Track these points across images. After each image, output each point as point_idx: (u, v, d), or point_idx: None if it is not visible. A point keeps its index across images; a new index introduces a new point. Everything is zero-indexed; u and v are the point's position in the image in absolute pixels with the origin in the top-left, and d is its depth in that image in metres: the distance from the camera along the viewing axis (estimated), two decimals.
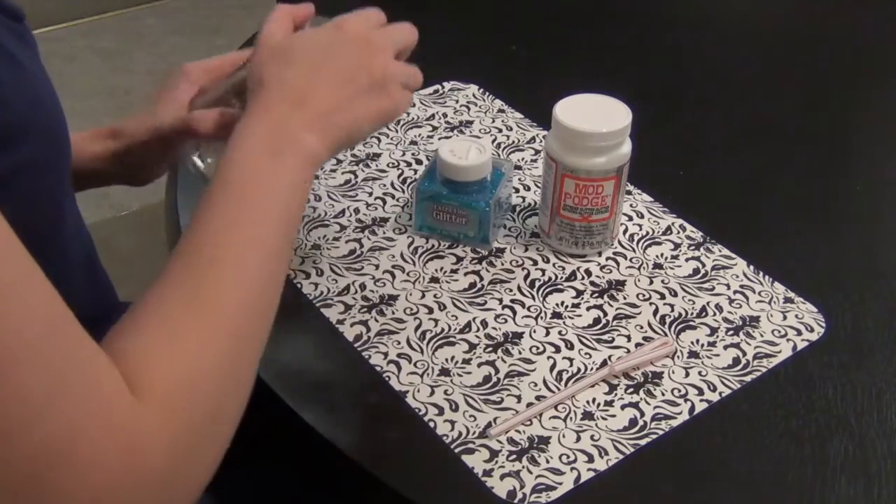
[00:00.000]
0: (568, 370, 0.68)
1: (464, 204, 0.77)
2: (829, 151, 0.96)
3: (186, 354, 0.48)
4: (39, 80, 0.56)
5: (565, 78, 1.07)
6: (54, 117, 0.56)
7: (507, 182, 0.81)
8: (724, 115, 1.02)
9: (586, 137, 0.73)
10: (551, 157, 0.75)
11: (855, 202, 0.89)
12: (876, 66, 1.13)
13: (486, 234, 0.78)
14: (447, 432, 0.63)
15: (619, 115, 0.74)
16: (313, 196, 0.85)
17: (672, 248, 0.80)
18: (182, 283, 0.51)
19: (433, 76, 1.03)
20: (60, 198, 0.59)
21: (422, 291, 0.75)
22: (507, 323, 0.72)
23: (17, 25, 0.56)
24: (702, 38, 1.19)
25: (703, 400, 0.66)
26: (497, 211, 0.79)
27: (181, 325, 0.49)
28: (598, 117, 0.73)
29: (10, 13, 0.56)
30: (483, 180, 0.77)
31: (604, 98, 0.75)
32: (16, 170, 0.51)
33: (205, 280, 0.51)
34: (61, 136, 0.57)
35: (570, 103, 0.75)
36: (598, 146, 0.73)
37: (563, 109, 0.74)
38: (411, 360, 0.69)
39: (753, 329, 0.72)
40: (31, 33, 0.58)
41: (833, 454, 0.63)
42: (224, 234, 0.53)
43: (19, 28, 0.57)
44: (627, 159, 0.75)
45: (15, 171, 0.51)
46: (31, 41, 0.58)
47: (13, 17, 0.56)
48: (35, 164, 0.53)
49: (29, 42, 0.58)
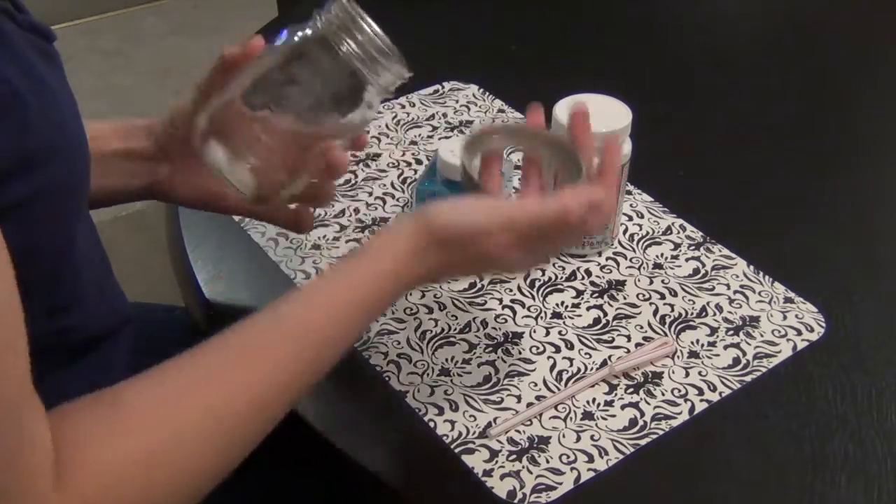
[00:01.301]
0: (568, 370, 0.68)
1: None
2: (829, 151, 0.96)
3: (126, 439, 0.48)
4: (66, 103, 0.55)
5: (565, 78, 1.06)
6: (77, 141, 0.56)
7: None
8: (724, 115, 1.02)
9: None
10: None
11: (855, 202, 0.89)
12: (876, 66, 1.13)
13: None
14: (447, 432, 0.63)
15: (620, 115, 0.74)
16: None
17: (672, 248, 0.80)
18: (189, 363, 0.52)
19: (433, 76, 1.03)
20: (74, 220, 0.58)
21: (422, 291, 0.75)
22: (507, 323, 0.72)
23: (47, 46, 0.56)
24: (702, 38, 1.19)
25: (703, 400, 0.66)
26: None
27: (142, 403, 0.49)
28: (599, 117, 0.73)
29: (41, 33, 0.55)
30: None
31: (604, 98, 0.75)
32: (36, 194, 0.51)
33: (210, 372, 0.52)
34: (82, 159, 0.57)
35: (570, 103, 0.75)
36: (598, 146, 0.73)
37: (563, 109, 0.74)
38: (411, 360, 0.69)
39: (753, 329, 0.72)
40: (58, 53, 0.58)
41: (833, 454, 0.63)
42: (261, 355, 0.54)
43: (49, 49, 0.56)
44: (627, 159, 0.75)
45: (35, 196, 0.51)
46: (58, 61, 0.57)
47: (44, 37, 0.56)
48: (55, 188, 0.53)
49: (57, 62, 0.57)
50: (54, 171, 0.52)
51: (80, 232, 0.59)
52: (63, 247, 0.57)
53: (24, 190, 0.50)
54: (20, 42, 0.51)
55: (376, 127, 0.94)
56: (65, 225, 0.57)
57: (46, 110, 0.51)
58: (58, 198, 0.54)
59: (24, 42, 0.52)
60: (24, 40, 0.52)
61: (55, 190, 0.53)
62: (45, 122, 0.51)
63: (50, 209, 0.53)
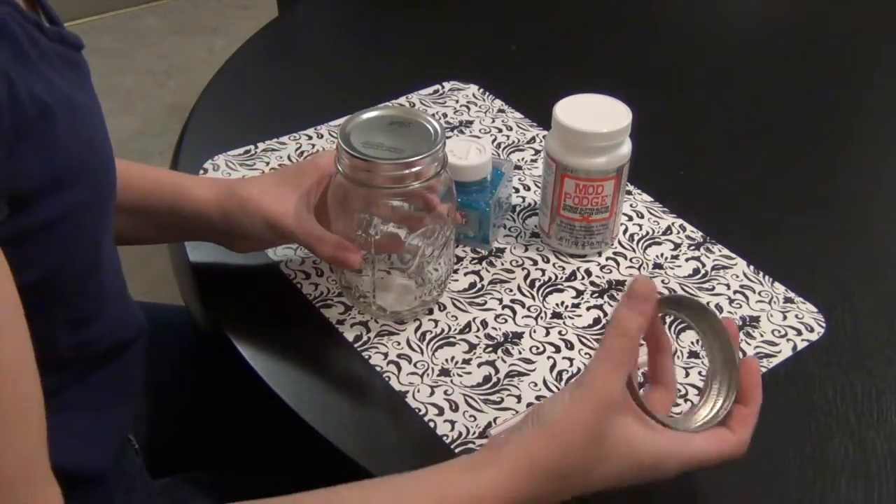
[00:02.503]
0: (568, 370, 0.68)
1: (464, 203, 0.77)
2: (829, 151, 0.96)
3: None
4: (95, 119, 0.55)
5: (565, 78, 1.07)
6: (104, 159, 0.55)
7: (507, 182, 0.81)
8: (724, 115, 1.02)
9: (586, 138, 0.73)
10: (551, 157, 0.75)
11: (855, 202, 0.89)
12: (876, 66, 1.13)
13: (486, 234, 0.78)
14: (447, 432, 0.63)
15: (620, 115, 0.74)
16: None
17: (672, 248, 0.80)
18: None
19: (433, 76, 1.03)
20: (100, 236, 0.57)
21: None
22: (507, 323, 0.72)
23: (76, 56, 0.55)
24: (702, 38, 1.19)
25: None
26: (497, 211, 0.79)
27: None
28: (599, 117, 0.73)
29: (70, 44, 0.54)
30: (483, 180, 0.77)
31: (604, 98, 0.75)
32: (65, 214, 0.50)
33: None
34: (109, 177, 0.56)
35: (570, 103, 0.75)
36: (598, 146, 0.73)
37: (563, 109, 0.74)
38: (411, 361, 0.69)
39: (753, 329, 0.72)
40: (86, 62, 0.57)
41: (833, 454, 0.63)
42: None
43: (78, 58, 0.55)
44: (627, 159, 0.75)
45: (64, 216, 0.50)
46: (86, 69, 0.57)
47: (73, 47, 0.55)
48: (82, 207, 0.52)
49: (84, 71, 0.56)
50: (82, 191, 0.51)
51: (105, 245, 0.59)
52: (89, 262, 0.56)
53: (52, 210, 0.49)
54: (50, 55, 0.51)
55: None
56: (92, 241, 0.56)
57: (75, 128, 0.50)
58: (85, 217, 0.53)
59: (53, 55, 0.51)
60: (53, 53, 0.51)
61: (82, 209, 0.52)
62: (74, 139, 0.50)
63: (78, 228, 0.52)
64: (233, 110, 1.00)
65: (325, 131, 0.94)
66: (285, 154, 0.91)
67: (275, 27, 1.20)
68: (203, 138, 0.94)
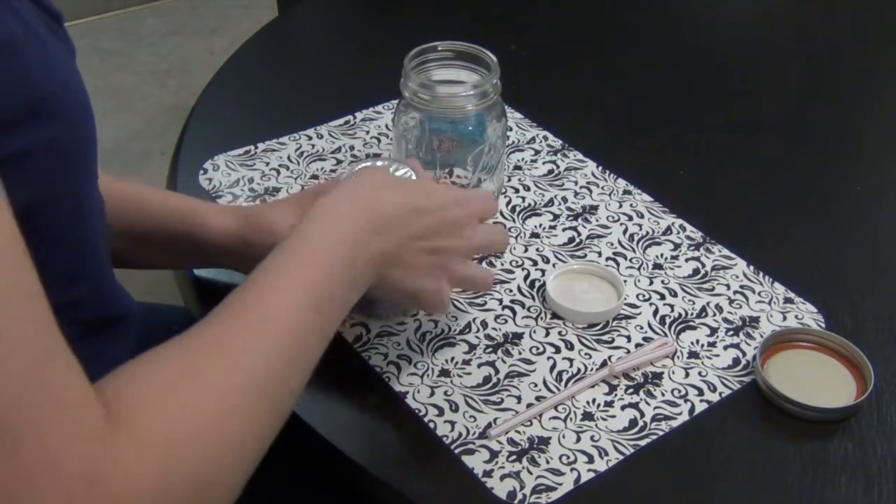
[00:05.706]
0: (568, 371, 0.68)
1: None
2: (829, 151, 0.96)
3: (183, 408, 0.46)
4: (71, 72, 0.56)
5: (565, 78, 1.07)
6: (81, 105, 0.56)
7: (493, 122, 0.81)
8: (724, 115, 1.02)
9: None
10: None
11: (855, 202, 0.89)
12: (876, 65, 1.13)
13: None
14: (447, 433, 0.63)
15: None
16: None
17: (672, 249, 0.80)
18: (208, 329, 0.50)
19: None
20: (79, 184, 0.58)
21: None
22: (507, 323, 0.72)
23: (56, 26, 0.57)
24: (702, 38, 1.19)
25: (703, 400, 0.66)
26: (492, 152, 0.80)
27: (189, 374, 0.48)
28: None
29: (49, 12, 0.56)
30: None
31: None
32: (39, 146, 0.51)
33: (230, 329, 0.51)
34: (87, 123, 0.57)
35: (557, 277, 0.74)
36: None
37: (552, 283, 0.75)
38: (411, 361, 0.69)
39: (753, 329, 0.72)
40: (70, 38, 0.58)
41: (833, 454, 0.63)
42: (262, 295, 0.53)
43: (59, 30, 0.57)
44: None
45: (38, 148, 0.51)
46: (70, 45, 0.58)
47: (52, 17, 0.56)
48: (58, 143, 0.53)
49: (69, 45, 0.58)
50: (57, 129, 0.52)
51: (86, 202, 0.60)
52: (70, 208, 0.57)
53: (26, 140, 0.50)
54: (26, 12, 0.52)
55: (378, 127, 0.94)
56: (71, 185, 0.57)
57: (48, 69, 0.52)
58: (61, 158, 0.54)
59: (33, 15, 0.53)
60: (32, 13, 0.53)
61: (59, 146, 0.53)
62: (46, 78, 0.51)
63: (54, 164, 0.54)
64: (233, 110, 1.00)
65: (325, 131, 0.94)
66: (285, 154, 0.91)
67: (275, 27, 1.20)
68: (203, 138, 0.94)
